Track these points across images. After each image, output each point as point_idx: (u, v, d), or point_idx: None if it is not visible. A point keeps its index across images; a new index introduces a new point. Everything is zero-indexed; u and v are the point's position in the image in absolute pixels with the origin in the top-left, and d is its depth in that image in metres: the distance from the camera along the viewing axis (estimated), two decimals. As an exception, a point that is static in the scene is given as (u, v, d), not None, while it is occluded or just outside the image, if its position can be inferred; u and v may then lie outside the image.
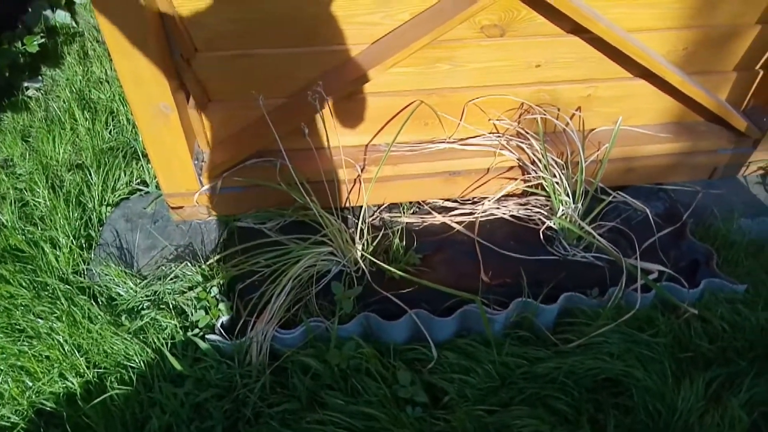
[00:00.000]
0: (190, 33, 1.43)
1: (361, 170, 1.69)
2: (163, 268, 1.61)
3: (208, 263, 1.62)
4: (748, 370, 1.43)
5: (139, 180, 1.97)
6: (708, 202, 1.80)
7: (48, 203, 1.86)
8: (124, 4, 1.26)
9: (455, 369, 1.44)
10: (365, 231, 1.64)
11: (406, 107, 1.66)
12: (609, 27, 1.46)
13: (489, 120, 1.73)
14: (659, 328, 1.48)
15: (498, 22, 1.50)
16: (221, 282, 1.57)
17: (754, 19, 1.58)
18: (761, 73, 1.71)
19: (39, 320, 1.49)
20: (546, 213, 1.73)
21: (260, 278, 1.57)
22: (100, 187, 1.90)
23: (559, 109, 1.72)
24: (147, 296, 1.56)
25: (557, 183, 1.66)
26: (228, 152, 1.65)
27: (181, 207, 1.72)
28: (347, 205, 1.75)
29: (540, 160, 1.68)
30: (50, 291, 1.57)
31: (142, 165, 2.02)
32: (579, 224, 1.64)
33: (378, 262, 1.58)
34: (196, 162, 1.64)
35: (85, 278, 1.62)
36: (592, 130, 1.78)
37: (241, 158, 1.65)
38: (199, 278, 1.57)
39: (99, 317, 1.50)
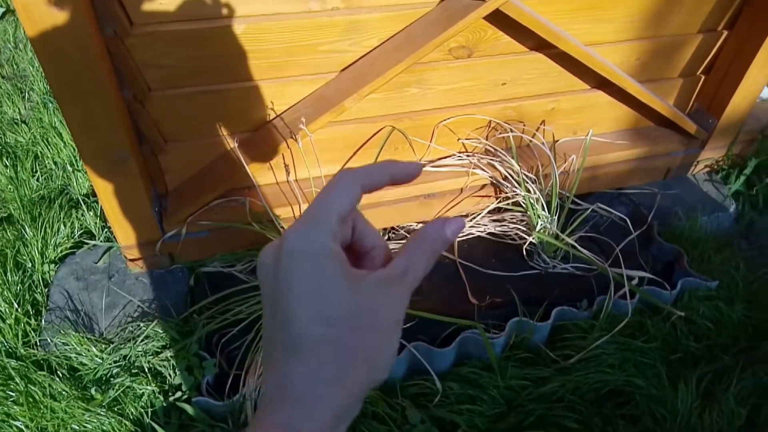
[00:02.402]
0: (143, 73, 1.30)
1: (336, 201, 1.62)
2: (130, 328, 1.45)
3: (181, 317, 1.48)
4: (734, 365, 1.49)
5: (82, 231, 1.78)
6: (667, 203, 1.88)
7: (-23, 268, 1.64)
8: (69, 44, 1.12)
9: (461, 399, 1.40)
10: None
11: (376, 133, 1.61)
12: (576, 43, 1.49)
13: (458, 140, 1.72)
14: (650, 333, 1.51)
15: (465, 43, 1.48)
16: (200, 336, 1.44)
17: (696, 29, 1.66)
18: (703, 77, 1.81)
19: (-9, 408, 1.29)
20: (522, 228, 1.73)
21: (241, 328, 1.45)
22: (39, 243, 1.70)
23: (524, 124, 1.73)
24: (116, 362, 1.40)
25: (533, 197, 1.66)
26: (192, 195, 1.53)
27: (140, 258, 1.57)
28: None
29: (513, 177, 1.68)
30: (-1, 371, 1.37)
31: (83, 213, 1.83)
32: (559, 237, 1.65)
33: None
34: (155, 209, 1.50)
35: (38, 350, 1.43)
36: (556, 141, 1.81)
37: (207, 200, 1.53)
38: (174, 335, 1.43)
39: (63, 393, 1.33)
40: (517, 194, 1.69)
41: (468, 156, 1.73)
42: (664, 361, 1.50)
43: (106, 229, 1.75)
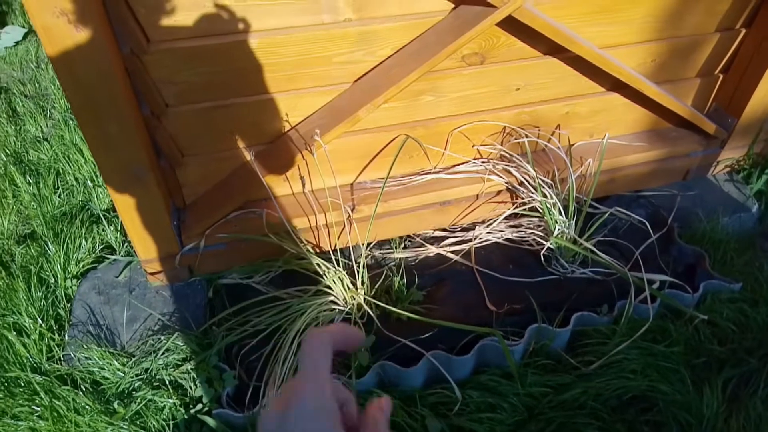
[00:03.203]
0: (160, 89, 1.32)
1: (352, 210, 1.62)
2: (151, 341, 1.47)
3: (201, 330, 1.49)
4: (760, 368, 1.46)
5: (103, 245, 1.81)
6: (687, 204, 1.85)
7: (2, 284, 1.67)
8: (88, 63, 1.14)
9: (481, 408, 1.39)
10: (362, 273, 1.56)
11: (391, 141, 1.61)
12: (590, 47, 1.48)
13: (473, 146, 1.71)
14: (672, 337, 1.49)
15: (478, 50, 1.48)
16: (219, 348, 1.45)
17: (713, 28, 1.64)
18: (721, 77, 1.79)
19: (18, 423, 1.31)
20: (540, 233, 1.72)
21: (260, 339, 1.46)
22: (61, 259, 1.73)
23: (540, 129, 1.72)
24: (137, 375, 1.42)
25: (549, 202, 1.65)
26: (209, 208, 1.54)
27: (159, 271, 1.59)
28: (337, 247, 1.68)
29: (529, 182, 1.67)
30: (25, 386, 1.39)
31: (104, 228, 1.86)
32: (577, 241, 1.64)
33: (384, 305, 1.51)
34: (174, 223, 1.52)
35: (62, 365, 1.45)
36: (572, 145, 1.80)
37: (224, 213, 1.54)
38: (194, 347, 1.45)
39: (87, 407, 1.34)
40: (533, 199, 1.68)
41: (483, 162, 1.73)
42: (688, 365, 1.47)
43: (126, 244, 1.77)
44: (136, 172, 1.36)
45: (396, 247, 1.78)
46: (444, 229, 1.82)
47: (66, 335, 1.52)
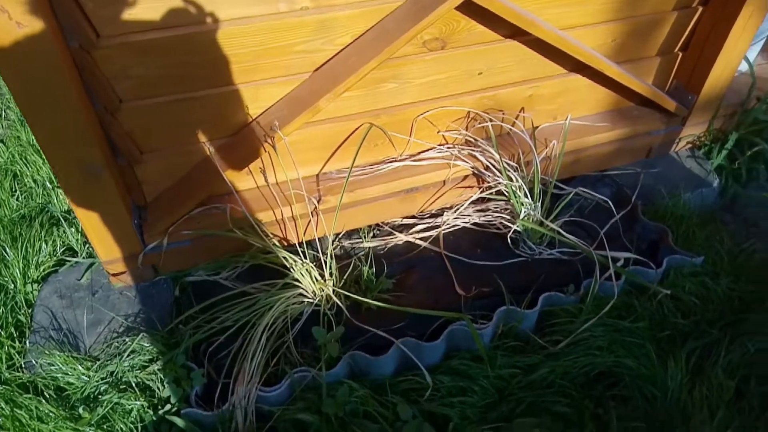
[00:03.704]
0: (112, 85, 1.28)
1: (318, 202, 1.61)
2: (116, 343, 1.44)
3: (167, 329, 1.47)
4: (721, 338, 1.50)
5: (65, 248, 1.76)
6: (650, 182, 1.88)
7: (-41, 291, 1.62)
8: (33, 59, 1.10)
9: (453, 392, 1.40)
10: (330, 264, 1.55)
11: (355, 130, 1.59)
12: (550, 29, 1.48)
13: (438, 132, 1.70)
14: (637, 312, 1.52)
15: (439, 35, 1.47)
16: (187, 347, 1.43)
17: (671, 6, 1.66)
18: (680, 55, 1.81)
19: (-20, 434, 1.28)
20: (506, 216, 1.73)
21: (228, 336, 1.45)
22: (20, 264, 1.67)
23: (504, 112, 1.72)
24: (103, 379, 1.39)
25: (515, 186, 1.66)
26: (171, 205, 1.51)
27: (123, 272, 1.56)
28: (305, 239, 1.66)
29: (495, 166, 1.67)
30: (-15, 396, 1.35)
31: (64, 230, 1.81)
32: (543, 223, 1.65)
33: (353, 295, 1.50)
34: (135, 222, 1.49)
35: (24, 373, 1.42)
36: (537, 127, 1.81)
37: (186, 209, 1.51)
38: (161, 347, 1.42)
39: (51, 414, 1.31)
40: (499, 183, 1.68)
41: (449, 148, 1.72)
42: (653, 339, 1.50)
43: (88, 246, 1.73)
44: (91, 171, 1.32)
45: (365, 237, 1.77)
46: (413, 217, 1.82)
47: (27, 342, 1.48)
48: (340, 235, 1.77)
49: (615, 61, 1.72)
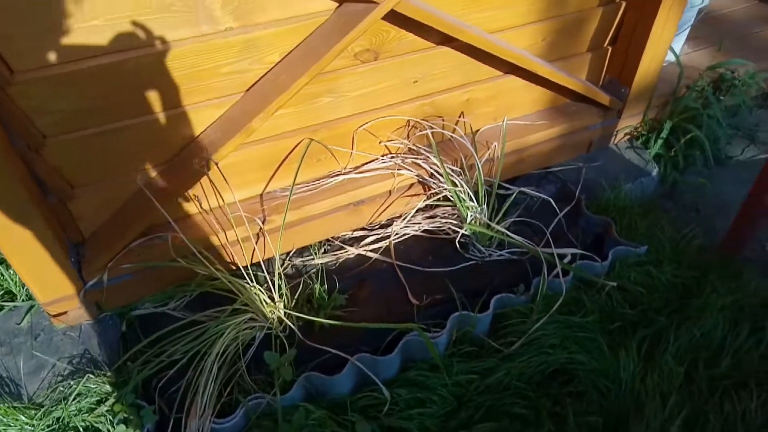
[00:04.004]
0: (32, 120, 1.23)
1: (263, 222, 1.58)
2: (61, 387, 1.38)
3: (114, 368, 1.42)
4: (668, 325, 1.53)
5: (2, 291, 1.68)
6: (592, 176, 1.92)
7: None
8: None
9: (411, 404, 1.40)
10: (281, 284, 1.53)
11: (295, 147, 1.58)
12: (477, 33, 1.49)
13: (380, 143, 1.70)
14: (586, 307, 1.54)
15: (370, 46, 1.47)
16: (136, 384, 1.39)
17: (596, 3, 1.69)
18: (610, 49, 1.85)
19: None
20: (454, 221, 1.74)
21: (179, 368, 1.41)
22: (-46, 311, 1.60)
23: (443, 119, 1.73)
24: (49, 426, 1.33)
25: (459, 191, 1.67)
26: (108, 239, 1.46)
27: (64, 312, 1.50)
28: (253, 261, 1.63)
29: (439, 172, 1.68)
30: None
31: (1, 273, 1.73)
32: (490, 226, 1.66)
33: (304, 316, 1.48)
34: (72, 260, 1.43)
35: (-38, 428, 1.35)
36: (477, 131, 1.82)
37: (125, 242, 1.46)
38: (108, 388, 1.37)
39: (-6, 470, 1.25)
40: (444, 189, 1.69)
41: (392, 158, 1.72)
42: (604, 332, 1.53)
43: (26, 287, 1.66)
44: (19, 211, 1.27)
45: (316, 253, 1.75)
46: (363, 229, 1.81)
47: (-35, 395, 1.41)
48: (290, 254, 1.75)
49: (547, 59, 1.75)
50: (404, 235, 1.76)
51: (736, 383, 1.44)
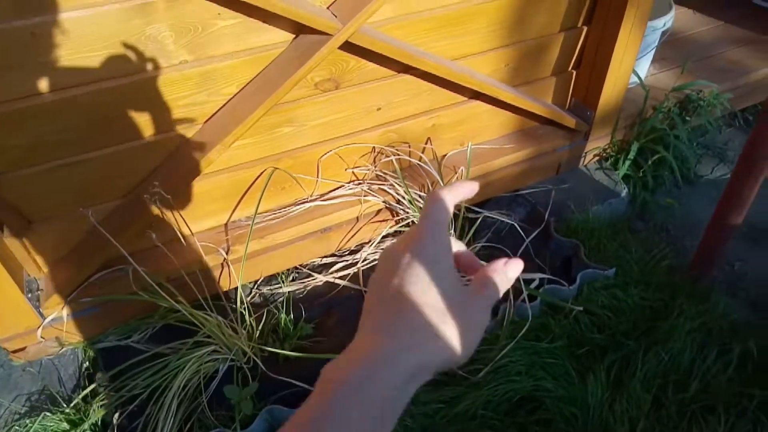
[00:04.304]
0: (-15, 158, 1.22)
1: (227, 252, 1.57)
2: (17, 427, 1.35)
3: (72, 405, 1.39)
4: (637, 349, 1.52)
5: (-36, 326, 1.66)
6: (562, 198, 1.92)
7: None
8: None
9: (376, 436, 1.37)
10: (246, 314, 1.52)
11: (258, 176, 1.57)
12: (436, 61, 1.50)
13: (347, 170, 1.70)
14: (554, 332, 1.53)
15: (330, 76, 1.47)
16: (96, 421, 1.36)
17: (557, 28, 1.71)
18: (574, 73, 1.87)
19: None
20: (423, 246, 1.73)
21: (141, 403, 1.38)
22: None
23: (409, 145, 1.74)
24: (3, 468, 1.30)
25: (426, 216, 1.66)
26: (68, 273, 1.44)
27: (23, 348, 1.47)
28: (219, 291, 1.62)
29: (404, 198, 1.68)
30: None
31: (-35, 306, 1.71)
32: (456, 251, 1.65)
33: (267, 348, 1.46)
34: (30, 294, 1.42)
35: None
36: (445, 155, 1.83)
37: (84, 276, 1.45)
38: (66, 426, 1.35)
39: None
40: (411, 215, 1.68)
41: (358, 184, 1.72)
42: (573, 357, 1.52)
43: (-14, 321, 1.63)
44: (-29, 249, 1.25)
45: (284, 281, 1.74)
46: (332, 255, 1.80)
47: None
48: (258, 282, 1.73)
49: (512, 84, 1.77)
50: (373, 261, 1.75)
51: (704, 407, 1.42)
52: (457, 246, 0.47)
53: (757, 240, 1.93)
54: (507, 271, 0.45)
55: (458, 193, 0.45)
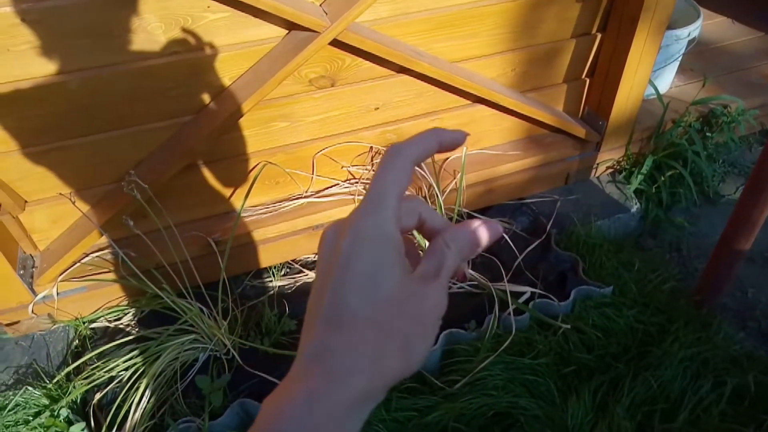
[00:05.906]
0: (-20, 137, 1.27)
1: (216, 243, 1.58)
2: (1, 397, 1.41)
3: (54, 381, 1.43)
4: (626, 373, 1.45)
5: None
6: (567, 210, 1.85)
7: None
8: None
9: (344, 439, 1.35)
10: (232, 306, 1.53)
11: (252, 169, 1.58)
12: (433, 63, 1.47)
13: (343, 168, 1.69)
14: (539, 348, 1.48)
15: (325, 73, 1.46)
16: (75, 398, 1.40)
17: (569, 34, 1.65)
18: (588, 81, 1.79)
19: None
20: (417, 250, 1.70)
21: (120, 384, 1.41)
22: None
23: (408, 146, 1.70)
24: (-15, 435, 1.35)
25: (419, 220, 1.63)
26: (61, 252, 1.49)
27: (16, 322, 1.53)
28: (205, 282, 1.63)
29: (398, 200, 1.65)
30: None
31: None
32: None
33: (246, 342, 1.47)
34: (23, 271, 1.47)
35: None
36: (446, 159, 1.79)
37: (76, 256, 1.49)
38: (45, 402, 1.39)
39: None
40: (404, 217, 1.65)
41: (354, 183, 1.70)
42: (558, 375, 1.46)
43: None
44: (-34, 224, 1.31)
45: (275, 275, 1.74)
46: (326, 252, 1.79)
47: None
48: (249, 275, 1.74)
49: (520, 89, 1.71)
50: (364, 262, 1.74)
51: (691, 440, 1.35)
52: (412, 208, 0.38)
53: (776, 267, 1.82)
54: (478, 239, 0.38)
55: (425, 146, 0.36)
